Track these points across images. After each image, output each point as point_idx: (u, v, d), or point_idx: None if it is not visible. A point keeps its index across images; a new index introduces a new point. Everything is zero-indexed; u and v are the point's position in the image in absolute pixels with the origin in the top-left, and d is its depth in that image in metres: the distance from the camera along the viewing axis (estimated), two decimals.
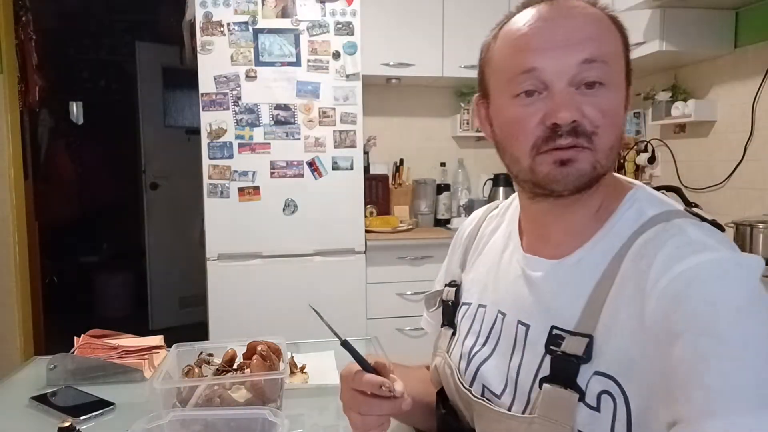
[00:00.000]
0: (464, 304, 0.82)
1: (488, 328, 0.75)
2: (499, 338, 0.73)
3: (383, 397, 0.67)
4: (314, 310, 0.74)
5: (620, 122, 0.65)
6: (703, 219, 0.65)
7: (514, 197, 0.81)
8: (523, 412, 0.66)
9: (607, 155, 0.64)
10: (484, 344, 0.75)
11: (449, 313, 0.83)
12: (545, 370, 0.64)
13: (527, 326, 0.69)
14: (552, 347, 0.64)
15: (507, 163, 0.69)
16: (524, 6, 0.68)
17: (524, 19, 0.66)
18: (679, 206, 0.67)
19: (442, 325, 0.85)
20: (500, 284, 0.76)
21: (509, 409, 0.68)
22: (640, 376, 0.57)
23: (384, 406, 0.68)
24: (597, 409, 0.59)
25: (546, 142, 0.63)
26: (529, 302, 0.70)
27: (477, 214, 0.91)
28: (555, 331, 0.64)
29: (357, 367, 0.69)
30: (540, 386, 0.63)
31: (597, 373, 0.59)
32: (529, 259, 0.72)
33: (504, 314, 0.73)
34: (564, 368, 0.61)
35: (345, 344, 0.70)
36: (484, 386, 0.72)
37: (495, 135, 0.71)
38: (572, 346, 0.61)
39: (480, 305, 0.78)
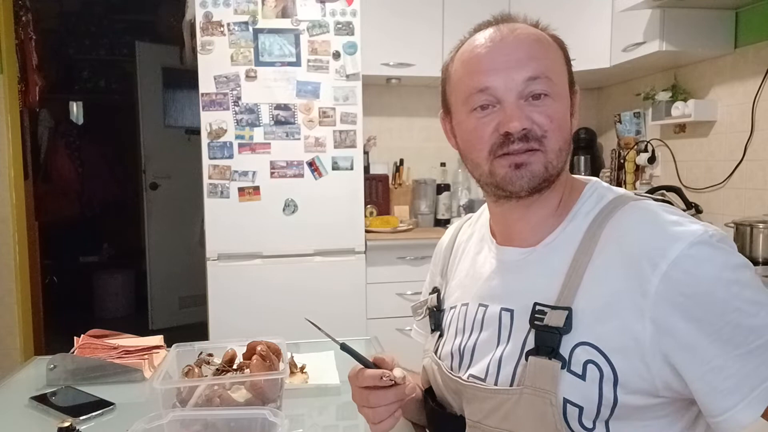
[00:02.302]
0: (450, 308, 0.86)
1: (471, 321, 0.80)
2: (481, 329, 0.77)
3: (387, 387, 0.74)
4: (310, 322, 0.80)
5: (567, 126, 0.74)
6: (654, 200, 0.73)
7: (484, 208, 0.89)
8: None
9: (558, 155, 0.72)
10: (470, 336, 0.79)
11: (435, 318, 0.88)
12: (530, 344, 0.69)
13: (511, 311, 0.74)
14: (536, 322, 0.69)
15: (470, 169, 0.78)
16: (475, 31, 0.78)
17: (475, 43, 0.75)
18: (630, 192, 0.76)
19: (432, 331, 0.89)
20: (479, 282, 0.81)
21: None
22: (633, 345, 0.63)
23: (389, 395, 0.75)
24: (582, 377, 0.65)
25: (500, 147, 0.72)
26: (509, 289, 0.76)
27: (452, 228, 0.98)
28: (538, 307, 0.70)
29: (360, 367, 0.76)
30: (526, 359, 0.68)
31: (582, 343, 0.65)
32: (503, 250, 0.79)
33: (486, 306, 0.78)
34: (547, 340, 0.67)
35: (344, 347, 0.76)
36: (470, 375, 0.76)
37: (458, 145, 0.80)
38: (554, 318, 0.67)
39: (462, 304, 0.83)
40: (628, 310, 0.64)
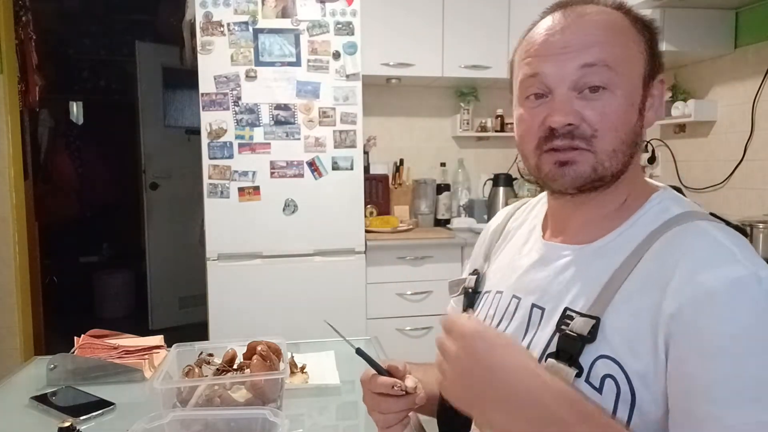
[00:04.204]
0: (485, 292, 0.84)
1: (502, 312, 0.78)
2: (511, 320, 0.75)
3: (399, 396, 0.75)
4: (329, 324, 0.81)
5: (625, 125, 0.67)
6: (727, 223, 0.66)
7: (542, 196, 0.84)
8: None
9: (610, 157, 0.67)
10: (497, 326, 0.77)
11: (469, 299, 0.87)
12: (553, 347, 0.66)
13: (542, 309, 0.71)
14: (562, 326, 0.66)
15: (522, 160, 0.75)
16: (544, 14, 0.72)
17: (539, 27, 0.71)
18: (703, 209, 0.68)
19: (463, 310, 0.88)
20: (516, 273, 0.78)
21: None
22: (646, 366, 0.59)
23: (400, 403, 0.75)
24: (599, 390, 0.61)
25: (545, 141, 0.68)
26: (546, 286, 0.72)
27: (505, 210, 0.94)
28: (568, 312, 0.67)
29: (373, 371, 0.77)
30: (545, 361, 0.66)
31: (603, 356, 0.62)
32: (549, 245, 0.76)
33: (519, 298, 0.76)
34: (569, 346, 0.64)
35: (359, 352, 0.77)
36: None
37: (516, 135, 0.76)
38: (579, 326, 0.64)
39: (497, 291, 0.81)
40: (647, 328, 0.59)
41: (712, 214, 0.68)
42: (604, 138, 0.66)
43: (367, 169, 2.86)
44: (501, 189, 3.04)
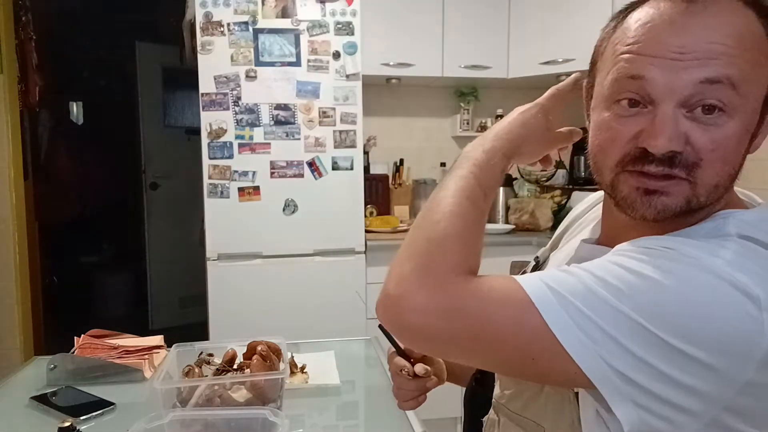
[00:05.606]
0: None
1: None
2: None
3: (409, 377, 0.79)
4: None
5: (735, 156, 0.57)
6: None
7: None
8: None
9: (709, 192, 0.56)
10: None
11: None
12: None
13: None
14: None
15: (592, 168, 0.63)
16: None
17: (649, 12, 0.56)
18: None
19: None
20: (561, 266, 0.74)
21: None
22: None
23: (410, 384, 0.80)
24: None
25: (634, 162, 0.56)
26: None
27: (592, 197, 0.84)
28: None
29: (393, 349, 0.82)
30: None
31: None
32: (599, 249, 0.67)
33: None
34: None
35: (381, 327, 0.79)
36: None
37: (589, 131, 0.64)
38: None
39: None
40: None
41: None
42: (709, 170, 0.55)
43: (367, 169, 2.86)
44: (500, 189, 3.04)
